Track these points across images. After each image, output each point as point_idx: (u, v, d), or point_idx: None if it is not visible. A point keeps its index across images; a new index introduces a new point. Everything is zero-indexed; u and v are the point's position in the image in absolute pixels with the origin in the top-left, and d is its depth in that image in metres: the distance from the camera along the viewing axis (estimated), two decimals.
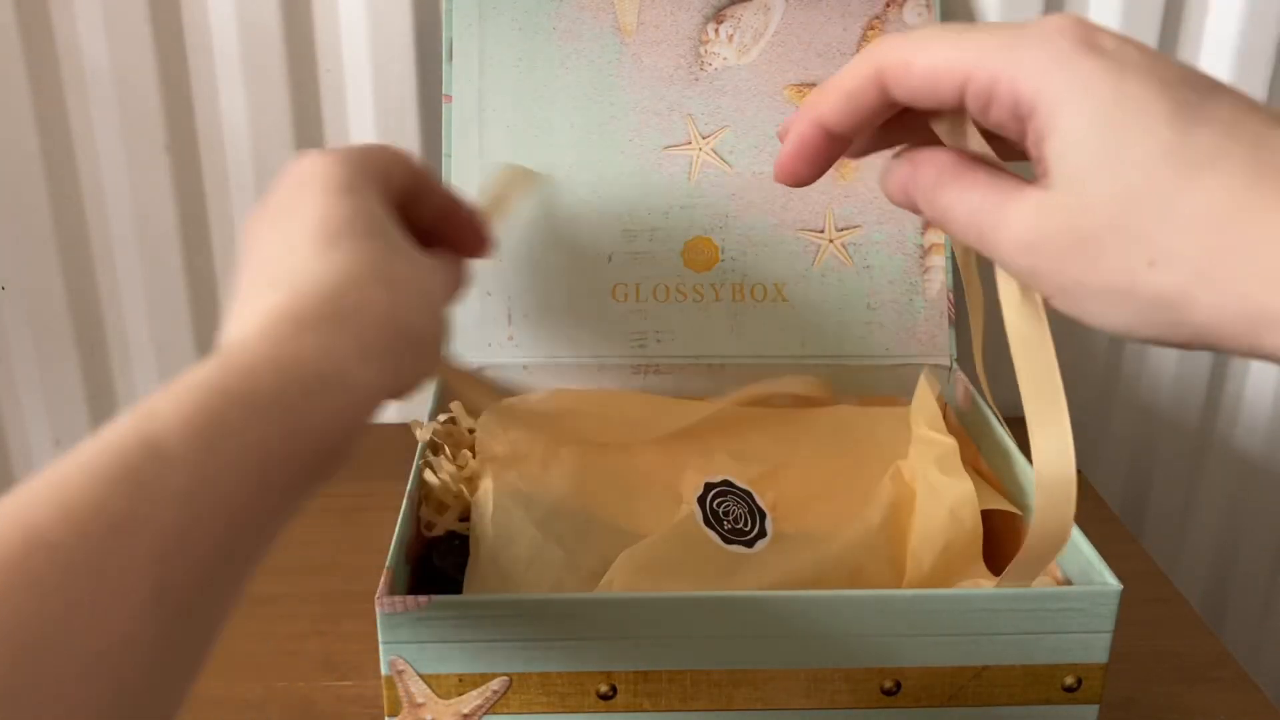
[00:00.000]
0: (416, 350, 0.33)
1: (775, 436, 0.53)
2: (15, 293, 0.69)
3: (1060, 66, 0.28)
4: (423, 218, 0.39)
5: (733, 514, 0.42)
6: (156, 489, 0.25)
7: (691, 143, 0.61)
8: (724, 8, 0.62)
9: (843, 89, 0.32)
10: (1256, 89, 0.68)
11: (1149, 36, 0.67)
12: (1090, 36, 0.29)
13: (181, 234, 0.69)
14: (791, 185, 0.35)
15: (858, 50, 0.62)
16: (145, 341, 0.71)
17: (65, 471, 0.25)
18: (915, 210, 0.33)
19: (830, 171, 0.35)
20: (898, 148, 0.35)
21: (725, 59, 0.62)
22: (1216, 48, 0.67)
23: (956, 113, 0.32)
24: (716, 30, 0.62)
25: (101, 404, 0.72)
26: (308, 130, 0.67)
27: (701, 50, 0.62)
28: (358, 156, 0.36)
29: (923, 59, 0.30)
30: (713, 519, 0.42)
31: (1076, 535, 0.40)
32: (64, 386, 0.71)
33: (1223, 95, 0.28)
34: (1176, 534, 0.79)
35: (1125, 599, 0.38)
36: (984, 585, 0.43)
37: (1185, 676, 0.49)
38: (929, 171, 0.32)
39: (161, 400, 0.28)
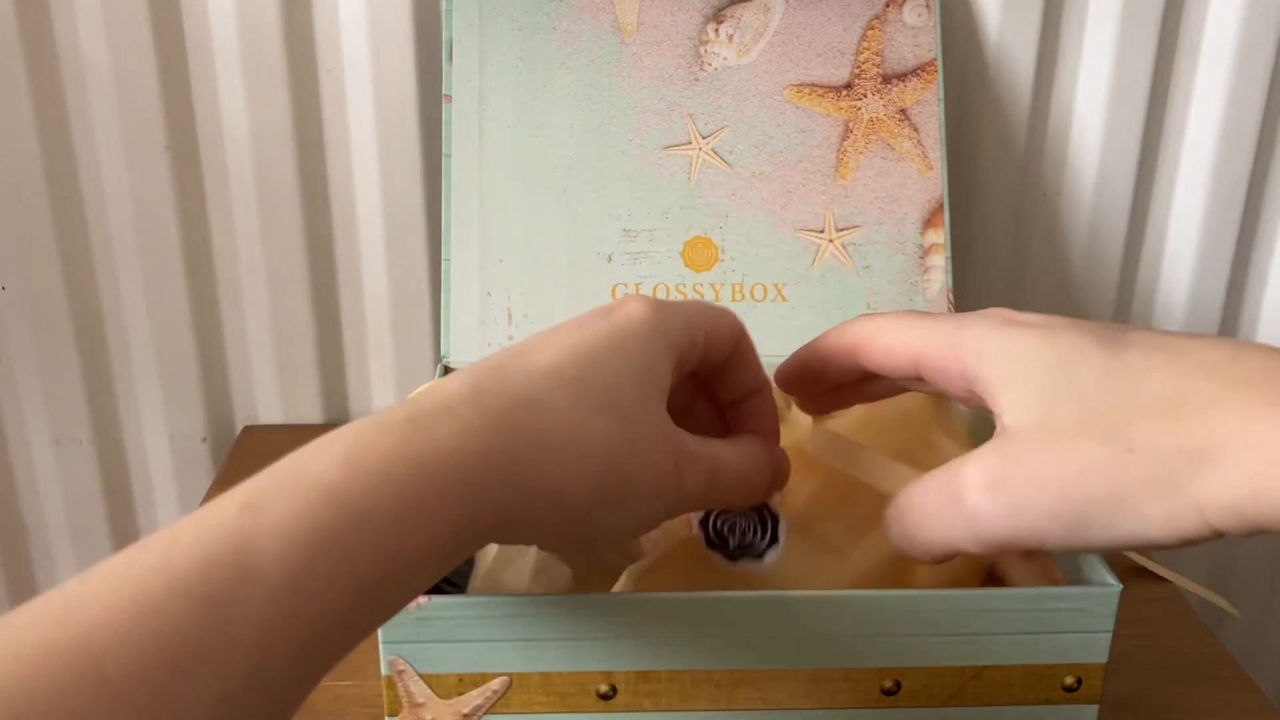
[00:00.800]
0: (627, 496, 0.32)
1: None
2: (15, 293, 0.69)
3: (995, 337, 0.33)
4: (730, 387, 0.39)
5: (739, 527, 0.42)
6: (238, 611, 0.23)
7: (691, 143, 0.61)
8: (724, 8, 0.62)
9: (820, 353, 0.38)
10: (1256, 89, 0.68)
11: (1149, 36, 0.67)
12: (1016, 316, 0.34)
13: (181, 234, 0.69)
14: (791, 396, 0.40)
15: (858, 49, 0.62)
16: (145, 341, 0.71)
17: (140, 581, 0.22)
18: (911, 552, 0.35)
19: (830, 172, 0.38)
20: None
21: (725, 59, 0.62)
22: (1216, 48, 0.67)
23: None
24: (716, 30, 0.62)
25: (101, 404, 0.72)
26: (308, 130, 0.68)
27: (701, 50, 0.62)
28: (670, 320, 0.35)
29: (882, 338, 0.36)
30: (716, 539, 0.42)
31: None
32: (64, 386, 0.71)
33: (1137, 330, 0.32)
34: None
35: (1125, 599, 0.38)
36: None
37: (1185, 676, 0.49)
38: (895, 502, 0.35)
39: (273, 498, 0.25)
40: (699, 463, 0.34)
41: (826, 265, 0.60)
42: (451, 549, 0.28)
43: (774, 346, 0.60)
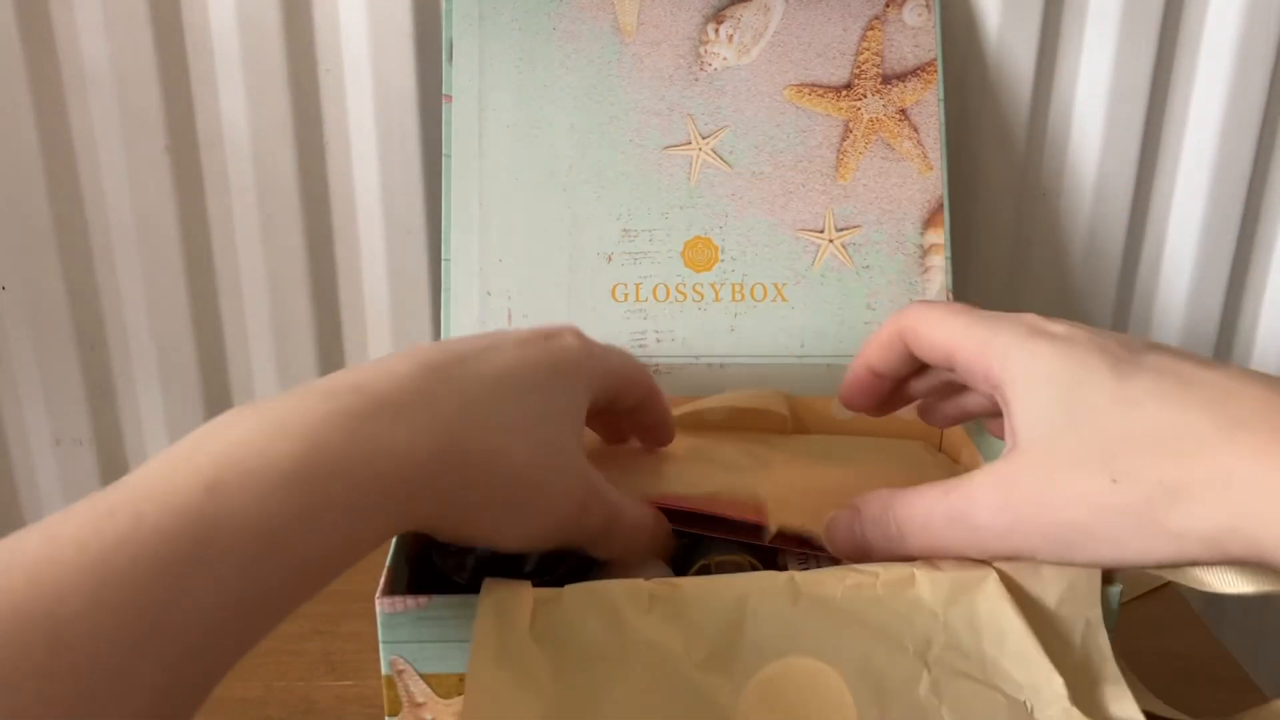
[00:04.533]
0: (525, 507, 0.34)
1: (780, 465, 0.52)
2: (15, 293, 0.69)
3: (1020, 348, 0.35)
4: (637, 423, 0.44)
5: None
6: (194, 594, 0.25)
7: (691, 143, 0.61)
8: (724, 8, 0.62)
9: (879, 341, 0.42)
10: (1256, 89, 0.68)
11: (1149, 36, 0.67)
12: (1043, 326, 0.36)
13: (181, 234, 0.69)
14: (857, 411, 0.44)
15: (857, 49, 0.62)
16: (145, 341, 0.71)
17: (106, 549, 0.24)
18: (864, 555, 0.38)
19: (830, 172, 0.39)
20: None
21: (725, 59, 0.62)
22: (1216, 48, 0.67)
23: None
24: (716, 30, 0.62)
25: (101, 404, 0.72)
26: (308, 130, 0.68)
27: (701, 50, 0.62)
28: (602, 360, 0.39)
29: (924, 330, 0.39)
30: None
31: None
32: (64, 386, 0.71)
33: (1152, 353, 0.34)
34: None
35: (1125, 599, 0.38)
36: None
37: (1185, 676, 0.49)
38: (874, 508, 0.38)
39: (237, 481, 0.26)
40: (604, 507, 0.37)
41: (826, 265, 0.60)
42: (385, 536, 0.31)
43: (774, 346, 0.60)
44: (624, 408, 0.42)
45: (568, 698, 0.34)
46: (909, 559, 0.37)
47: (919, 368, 0.42)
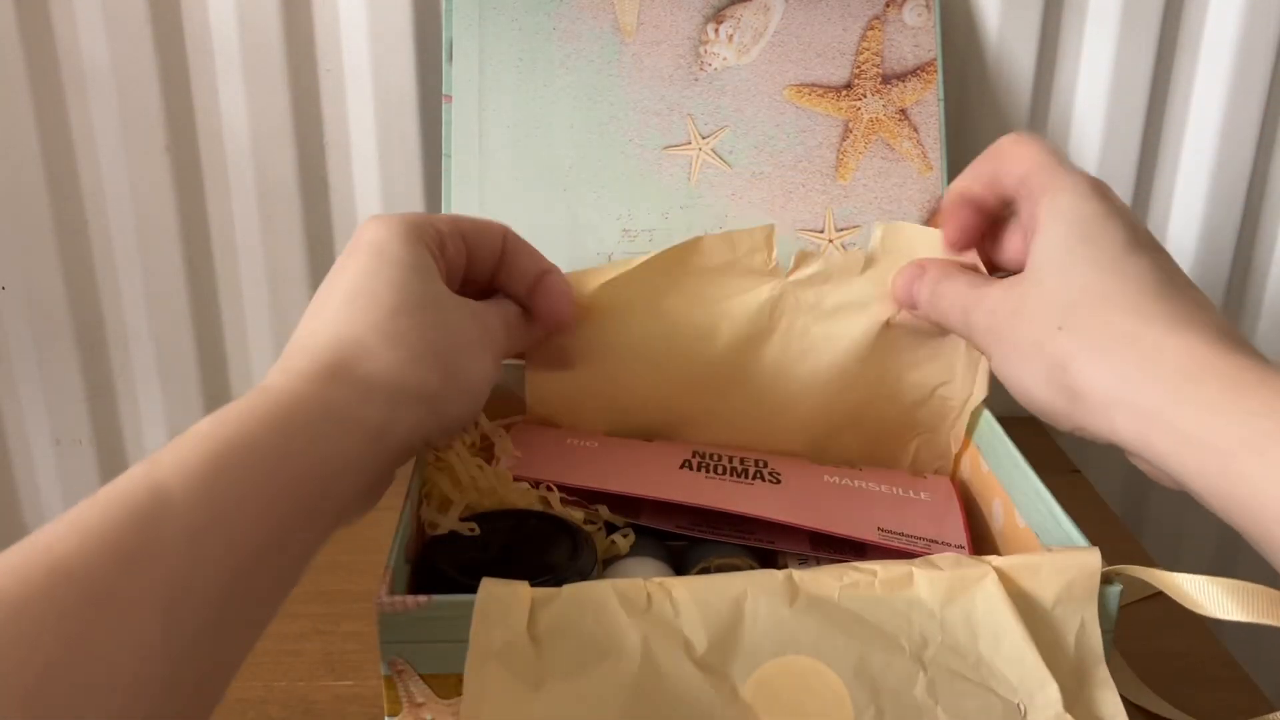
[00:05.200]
0: (425, 401, 0.36)
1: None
2: (15, 293, 0.69)
3: (1071, 196, 0.39)
4: (516, 278, 0.44)
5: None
6: (162, 530, 0.26)
7: (691, 143, 0.61)
8: (724, 8, 0.62)
9: (980, 164, 0.44)
10: (1257, 89, 0.68)
11: (1149, 36, 0.67)
12: (1104, 190, 0.40)
13: (181, 234, 0.69)
14: (955, 249, 0.45)
15: (857, 49, 0.62)
16: (145, 341, 0.71)
17: (84, 510, 0.26)
18: (912, 307, 0.46)
19: (830, 172, 0.40)
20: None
21: (725, 59, 0.62)
22: (1216, 48, 0.67)
23: None
24: (716, 30, 0.62)
25: (101, 404, 0.72)
26: (308, 130, 0.68)
27: (701, 50, 0.62)
28: (413, 221, 0.39)
29: (1015, 149, 0.42)
30: None
31: (1074, 534, 0.40)
32: (64, 386, 0.71)
33: (1179, 271, 0.39)
34: (1176, 534, 0.79)
35: (1125, 598, 0.38)
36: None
37: (1185, 676, 0.49)
38: (934, 273, 0.44)
39: (167, 450, 0.29)
40: (498, 312, 0.42)
41: None
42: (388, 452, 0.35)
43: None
44: (490, 262, 0.43)
45: (565, 697, 0.34)
46: (916, 309, 0.45)
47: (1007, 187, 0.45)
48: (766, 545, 0.45)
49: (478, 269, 0.43)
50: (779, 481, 0.47)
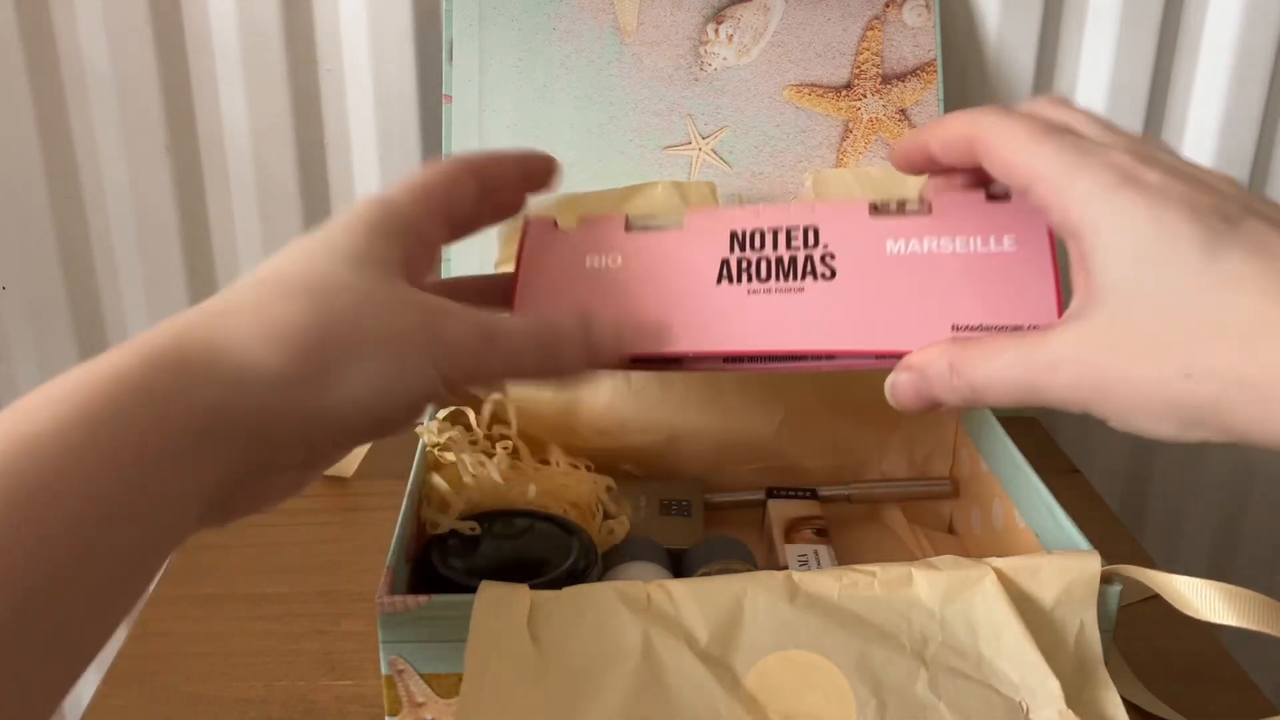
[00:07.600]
0: (280, 388, 0.31)
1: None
2: (15, 293, 0.69)
3: (1106, 199, 0.32)
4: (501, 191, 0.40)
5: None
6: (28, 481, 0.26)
7: (691, 143, 0.61)
8: (724, 8, 0.62)
9: (945, 133, 0.37)
10: (1256, 89, 0.68)
11: (1149, 36, 0.67)
12: (1136, 171, 0.32)
13: (181, 234, 0.69)
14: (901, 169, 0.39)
15: (857, 49, 0.62)
16: None
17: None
18: (936, 408, 0.36)
19: None
20: None
21: (725, 59, 0.62)
22: (1216, 48, 0.67)
23: None
24: (716, 30, 0.62)
25: None
26: (308, 130, 0.68)
27: (701, 50, 0.62)
28: (384, 211, 0.36)
29: (999, 149, 0.35)
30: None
31: (1074, 534, 0.40)
32: None
33: (1252, 219, 0.31)
34: (1176, 533, 0.79)
35: (1125, 598, 0.38)
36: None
37: (1185, 676, 0.49)
38: (940, 367, 0.35)
39: (34, 395, 0.30)
40: (463, 318, 0.34)
41: None
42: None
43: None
44: (465, 193, 0.38)
45: (564, 697, 0.34)
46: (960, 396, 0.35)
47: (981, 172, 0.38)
48: (826, 359, 0.40)
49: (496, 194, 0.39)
50: (833, 276, 0.41)
